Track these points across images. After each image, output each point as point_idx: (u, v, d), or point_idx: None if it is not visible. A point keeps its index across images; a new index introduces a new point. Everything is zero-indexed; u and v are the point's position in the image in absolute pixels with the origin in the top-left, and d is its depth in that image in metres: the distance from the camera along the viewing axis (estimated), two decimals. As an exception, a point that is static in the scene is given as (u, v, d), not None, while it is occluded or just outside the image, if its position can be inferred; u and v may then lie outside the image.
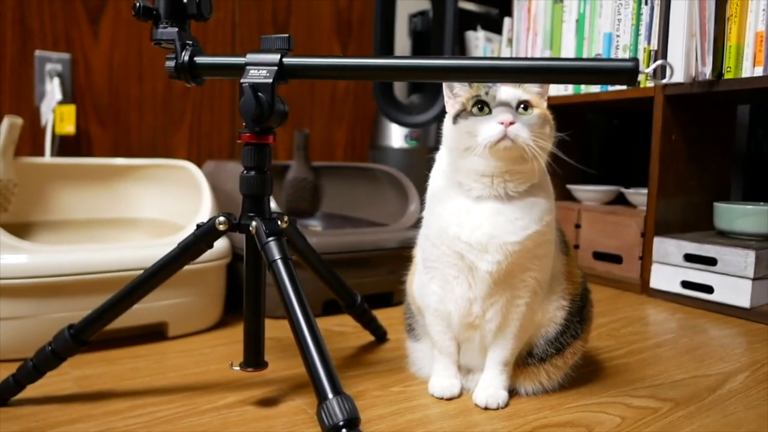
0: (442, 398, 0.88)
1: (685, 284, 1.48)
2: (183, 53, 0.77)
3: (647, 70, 0.68)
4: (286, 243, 0.74)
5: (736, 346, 1.18)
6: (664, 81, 0.71)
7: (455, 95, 0.83)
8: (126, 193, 1.52)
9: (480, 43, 2.19)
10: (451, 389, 0.88)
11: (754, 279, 1.35)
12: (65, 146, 1.68)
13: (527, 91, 0.80)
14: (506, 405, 0.85)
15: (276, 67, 0.74)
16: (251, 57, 0.76)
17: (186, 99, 1.90)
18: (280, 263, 0.70)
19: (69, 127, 1.59)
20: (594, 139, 2.33)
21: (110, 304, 0.79)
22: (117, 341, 1.07)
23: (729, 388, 0.95)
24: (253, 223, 0.75)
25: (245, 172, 0.78)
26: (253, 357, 0.81)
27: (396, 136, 2.05)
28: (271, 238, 0.73)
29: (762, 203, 1.52)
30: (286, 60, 0.75)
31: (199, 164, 1.66)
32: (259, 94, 0.72)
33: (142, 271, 0.81)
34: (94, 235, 1.38)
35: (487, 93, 0.78)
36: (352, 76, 0.76)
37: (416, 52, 2.22)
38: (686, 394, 0.92)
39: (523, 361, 0.89)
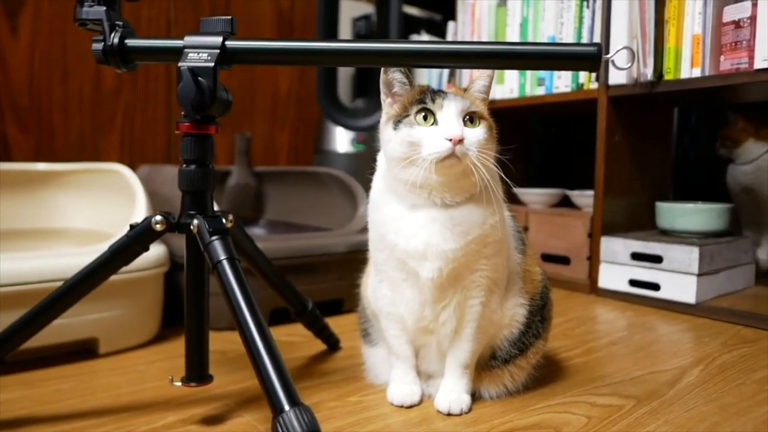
0: (402, 406, 0.82)
1: (633, 282, 1.50)
2: (112, 35, 0.70)
3: (609, 56, 0.66)
4: (231, 243, 0.67)
5: (686, 341, 1.19)
6: (626, 67, 0.69)
7: (394, 95, 0.77)
8: (50, 200, 1.40)
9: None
10: (411, 396, 0.83)
11: (698, 275, 1.38)
12: (-21, 151, 1.54)
13: (474, 99, 0.76)
14: (470, 410, 0.81)
15: (218, 50, 0.68)
16: (190, 39, 0.69)
17: (117, 100, 1.78)
18: (225, 264, 0.63)
19: (-17, 130, 1.45)
20: (534, 144, 2.35)
21: (29, 318, 0.70)
22: (39, 361, 0.96)
23: (687, 382, 0.95)
24: (195, 222, 0.68)
25: (185, 165, 0.71)
26: (197, 370, 0.73)
27: (341, 140, 2.00)
28: (215, 237, 0.66)
29: (700, 202, 1.57)
30: (228, 43, 0.69)
31: (132, 170, 1.55)
32: (200, 78, 0.66)
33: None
34: (14, 246, 1.25)
35: (433, 100, 0.72)
36: (299, 61, 0.71)
37: (360, 55, 2.18)
38: (647, 390, 0.91)
39: (486, 363, 0.85)
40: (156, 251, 1.08)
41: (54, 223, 1.40)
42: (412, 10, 2.29)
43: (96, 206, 1.39)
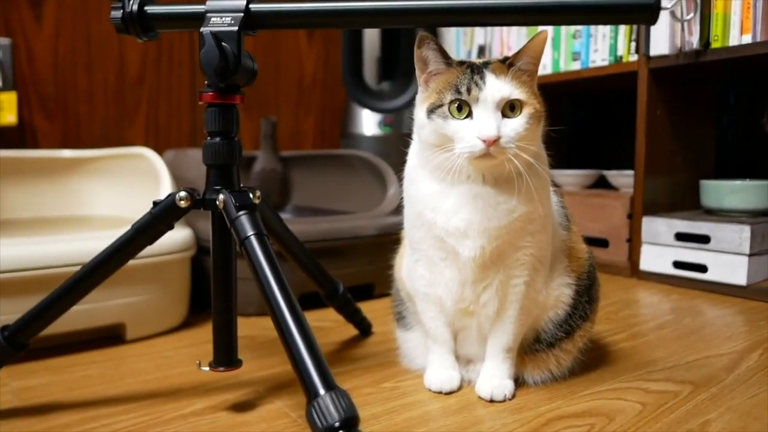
0: (440, 392, 0.78)
1: (677, 264, 1.43)
2: (131, 1, 0.66)
3: (669, 5, 0.60)
4: (260, 218, 0.63)
5: (740, 325, 1.12)
6: (689, 17, 0.63)
7: (430, 73, 0.71)
8: (77, 188, 1.39)
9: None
10: (450, 382, 0.79)
11: (750, 255, 1.30)
12: (6, 138, 1.53)
13: (520, 78, 0.68)
14: (513, 396, 0.76)
15: (242, 14, 0.64)
16: (212, 3, 0.65)
17: (141, 88, 1.76)
18: (254, 239, 0.59)
19: (10, 117, 1.43)
20: (565, 124, 2.27)
21: (52, 300, 0.67)
22: (66, 347, 0.94)
23: (746, 366, 0.88)
24: (220, 197, 0.64)
25: (209, 138, 0.67)
26: (225, 354, 0.70)
27: (368, 123, 1.95)
28: (242, 212, 0.62)
29: (748, 179, 1.48)
30: (253, 6, 0.65)
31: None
32: (223, 44, 0.62)
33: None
34: (41, 234, 1.24)
35: (469, 91, 0.66)
36: (327, 23, 0.66)
37: (387, 37, 2.12)
38: (704, 375, 0.85)
39: (530, 347, 0.80)
40: (182, 234, 1.05)
41: (81, 210, 1.38)
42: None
43: (122, 192, 1.37)
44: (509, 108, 0.67)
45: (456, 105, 0.67)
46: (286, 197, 1.76)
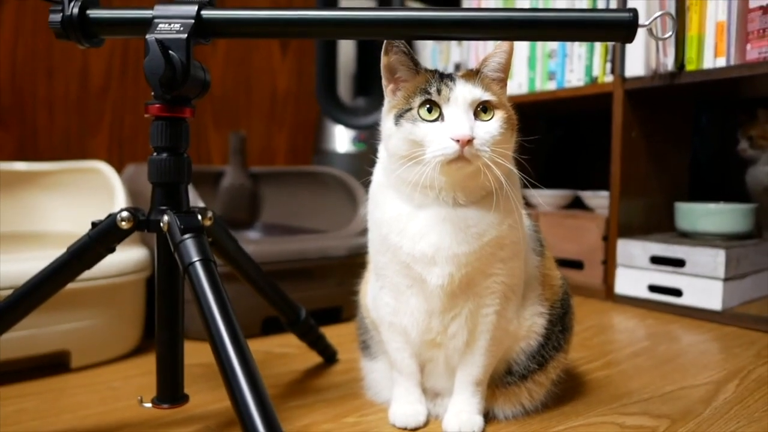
0: (405, 428, 0.73)
1: (653, 288, 1.40)
2: (71, 4, 0.61)
3: (646, 24, 0.57)
4: (208, 242, 0.58)
5: (716, 352, 1.09)
6: (667, 36, 0.60)
7: (398, 80, 0.67)
8: (31, 202, 1.31)
9: (428, 42, 2.09)
10: (416, 417, 0.74)
11: (725, 280, 1.28)
12: (-44, 150, 1.45)
13: (489, 83, 0.66)
14: (483, 433, 0.72)
15: (192, 21, 0.59)
16: (161, 9, 0.60)
17: (105, 98, 1.69)
18: (198, 266, 0.54)
19: (-40, 127, 1.36)
20: (541, 144, 2.26)
21: (-26, 330, 0.60)
22: (3, 377, 0.87)
23: (724, 398, 0.85)
24: (165, 218, 0.59)
25: (155, 154, 0.61)
26: (169, 389, 0.64)
27: (342, 139, 1.91)
28: (187, 236, 0.57)
29: (722, 203, 1.47)
30: (204, 12, 0.60)
31: (120, 170, 1.47)
32: (171, 52, 0.57)
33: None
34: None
35: (439, 91, 0.62)
36: (286, 33, 0.62)
37: (362, 52, 2.09)
38: (681, 408, 0.81)
39: (501, 380, 0.76)
40: (135, 254, 0.99)
41: (36, 226, 1.31)
42: (413, 5, 2.20)
43: (80, 208, 1.30)
44: (482, 110, 0.64)
45: (426, 107, 0.63)
46: (255, 214, 1.70)
